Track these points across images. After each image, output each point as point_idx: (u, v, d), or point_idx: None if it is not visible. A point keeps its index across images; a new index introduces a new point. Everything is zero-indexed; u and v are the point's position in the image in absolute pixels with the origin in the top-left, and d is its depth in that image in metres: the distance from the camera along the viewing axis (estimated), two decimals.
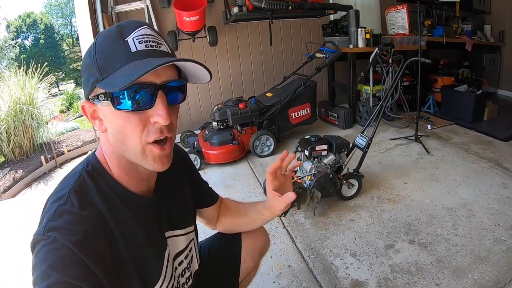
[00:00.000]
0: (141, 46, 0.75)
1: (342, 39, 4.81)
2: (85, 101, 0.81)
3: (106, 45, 0.76)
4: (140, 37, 0.75)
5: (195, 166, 1.23)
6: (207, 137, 3.71)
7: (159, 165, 0.82)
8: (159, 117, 0.76)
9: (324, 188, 2.54)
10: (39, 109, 5.09)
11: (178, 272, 1.04)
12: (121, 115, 0.76)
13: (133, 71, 0.70)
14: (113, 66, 0.73)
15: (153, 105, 0.76)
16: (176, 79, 0.81)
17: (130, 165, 0.85)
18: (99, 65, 0.74)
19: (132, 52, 0.74)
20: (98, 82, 0.75)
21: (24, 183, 3.98)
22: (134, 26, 0.76)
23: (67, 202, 0.75)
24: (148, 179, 0.92)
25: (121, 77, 0.71)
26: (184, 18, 3.92)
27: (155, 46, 0.77)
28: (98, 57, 0.75)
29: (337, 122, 4.68)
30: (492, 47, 6.13)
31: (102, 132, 0.82)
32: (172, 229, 1.02)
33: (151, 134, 0.78)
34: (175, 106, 0.84)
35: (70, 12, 28.67)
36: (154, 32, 0.80)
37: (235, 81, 4.92)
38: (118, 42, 0.74)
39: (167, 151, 0.83)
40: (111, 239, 0.78)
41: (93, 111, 0.81)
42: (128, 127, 0.76)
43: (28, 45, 25.83)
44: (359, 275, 1.97)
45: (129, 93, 0.73)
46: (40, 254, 0.67)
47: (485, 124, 4.47)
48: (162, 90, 0.76)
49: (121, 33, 0.75)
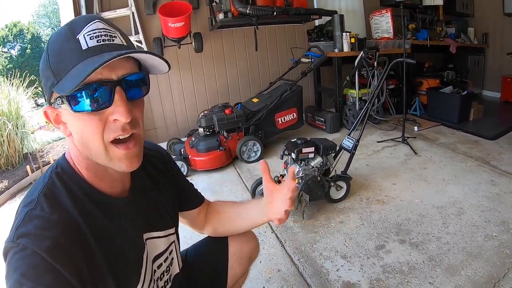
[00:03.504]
0: (92, 42, 0.71)
1: (327, 43, 4.84)
2: (47, 106, 0.77)
3: (58, 45, 0.72)
4: (91, 32, 0.71)
5: (178, 168, 1.18)
6: (194, 144, 3.66)
7: (127, 165, 0.78)
8: (119, 114, 0.72)
9: (312, 191, 2.51)
10: (25, 119, 5.01)
11: (157, 275, 1.00)
12: (81, 117, 0.72)
13: (82, 70, 0.67)
14: (65, 67, 0.70)
15: (111, 103, 0.72)
16: (136, 71, 0.77)
17: (99, 168, 0.80)
18: (53, 69, 0.71)
19: (83, 50, 0.70)
20: (54, 86, 0.71)
21: (9, 193, 3.88)
22: (85, 21, 0.72)
23: (36, 206, 0.71)
24: (121, 180, 0.88)
25: (73, 78, 0.67)
26: (170, 25, 3.90)
27: (107, 40, 0.73)
28: (51, 60, 0.72)
29: (324, 127, 4.66)
30: (476, 49, 6.23)
31: (68, 136, 0.79)
32: (151, 230, 0.97)
33: (111, 132, 0.74)
34: (138, 101, 0.80)
35: (57, 22, 28.46)
36: (107, 25, 0.75)
37: (221, 87, 4.89)
38: (70, 40, 0.71)
39: (133, 150, 0.78)
40: (84, 243, 0.73)
41: (56, 116, 0.77)
42: (89, 129, 0.73)
43: (14, 55, 25.54)
44: (350, 277, 1.93)
45: (86, 93, 0.70)
46: (12, 262, 0.65)
47: (471, 124, 4.52)
48: (119, 85, 0.73)
49: (72, 31, 0.71)
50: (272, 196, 1.08)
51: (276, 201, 1.07)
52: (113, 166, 0.78)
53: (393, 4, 4.98)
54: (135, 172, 0.88)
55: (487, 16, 6.15)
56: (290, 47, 4.85)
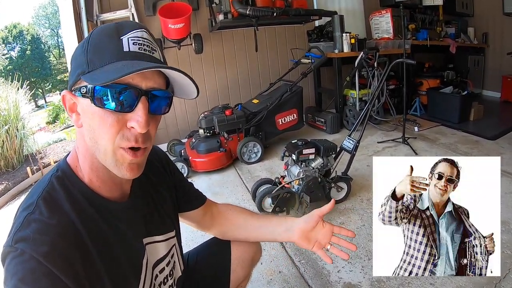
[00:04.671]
0: (134, 47, 0.73)
1: (327, 44, 4.85)
2: (67, 91, 0.78)
3: (100, 39, 0.74)
4: (136, 39, 0.74)
5: (178, 169, 1.18)
6: (194, 145, 3.67)
7: (128, 172, 0.78)
8: (137, 123, 0.73)
9: (313, 192, 2.51)
10: (25, 121, 5.02)
11: (159, 280, 0.99)
12: (99, 112, 0.72)
13: (119, 69, 0.68)
14: (101, 61, 0.71)
15: (133, 109, 0.73)
16: (163, 89, 0.78)
17: (102, 168, 0.80)
18: (88, 58, 0.72)
19: (124, 51, 0.72)
20: (84, 75, 0.72)
21: (10, 195, 3.89)
22: (132, 27, 0.75)
23: (35, 210, 0.71)
24: (122, 184, 0.88)
25: (106, 73, 0.69)
26: (170, 26, 3.90)
27: (148, 51, 0.75)
28: (90, 49, 0.73)
29: (325, 127, 4.67)
30: (476, 49, 6.24)
31: (78, 127, 0.79)
32: (151, 235, 0.96)
33: (125, 140, 0.74)
34: (156, 116, 0.81)
35: (57, 23, 28.45)
36: (151, 38, 0.78)
37: (221, 89, 4.89)
38: (113, 38, 0.73)
39: (139, 159, 0.78)
40: (82, 248, 0.73)
41: (72, 104, 0.78)
42: (103, 126, 0.73)
43: (14, 56, 25.52)
44: (351, 278, 1.93)
45: (111, 91, 0.70)
46: (10, 267, 0.64)
47: (471, 124, 4.52)
48: (145, 96, 0.74)
49: (118, 31, 0.74)
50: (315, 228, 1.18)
51: (316, 234, 1.18)
52: (114, 169, 0.77)
53: (393, 5, 4.97)
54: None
55: (487, 15, 6.16)
56: (290, 48, 4.84)
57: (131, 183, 0.92)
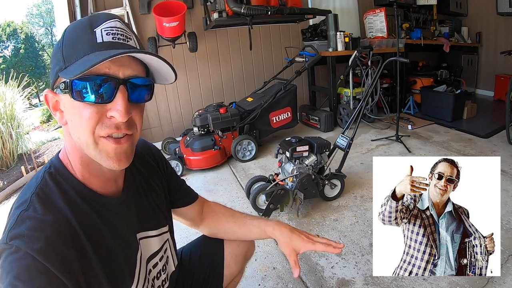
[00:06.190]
0: (108, 37, 0.73)
1: (321, 43, 4.86)
2: (49, 90, 0.78)
3: (74, 34, 0.74)
4: (109, 29, 0.74)
5: (170, 165, 1.18)
6: (189, 143, 3.66)
7: (115, 162, 0.77)
8: (116, 112, 0.73)
9: (307, 189, 2.52)
10: (19, 120, 4.99)
11: (152, 274, 0.99)
12: (78, 106, 0.72)
13: (91, 59, 0.68)
14: (76, 55, 0.71)
15: (112, 99, 0.73)
16: (142, 76, 0.78)
17: (92, 163, 0.80)
18: (64, 54, 0.73)
19: (98, 43, 0.72)
20: (61, 71, 0.72)
21: (4, 194, 3.86)
22: (105, 18, 0.75)
23: (29, 207, 0.71)
24: (114, 179, 0.88)
25: (80, 66, 0.69)
26: (164, 24, 3.88)
27: (122, 40, 0.75)
28: (65, 45, 0.74)
29: (319, 125, 4.69)
30: (469, 48, 6.27)
31: (63, 125, 0.79)
32: (144, 230, 0.97)
33: (104, 127, 0.74)
34: (139, 104, 0.81)
35: (51, 21, 28.26)
36: (125, 26, 0.78)
37: (216, 87, 4.89)
38: (86, 32, 0.73)
39: (124, 146, 0.78)
40: (77, 244, 0.73)
41: (55, 102, 0.78)
42: (82, 119, 0.73)
43: (8, 55, 25.32)
44: (345, 274, 1.94)
45: (89, 83, 0.70)
46: (5, 264, 0.64)
47: (465, 122, 4.56)
48: (124, 85, 0.74)
49: (91, 24, 0.74)
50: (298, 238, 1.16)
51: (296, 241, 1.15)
52: (101, 160, 0.77)
53: (387, 4, 5.01)
54: (128, 171, 0.89)
55: (480, 15, 6.20)
56: (285, 47, 4.86)
57: (124, 177, 0.92)
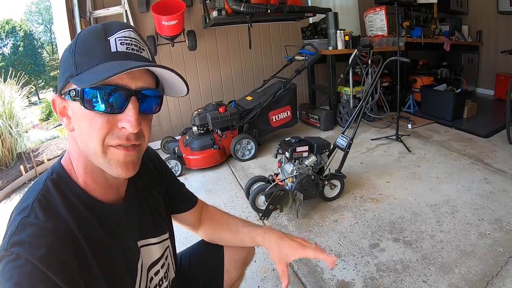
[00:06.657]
0: (122, 47, 0.73)
1: (321, 41, 4.84)
2: (57, 95, 0.77)
3: (87, 41, 0.73)
4: (123, 39, 0.73)
5: (169, 169, 1.17)
6: (188, 142, 3.65)
7: (123, 170, 0.77)
8: (128, 124, 0.72)
9: (306, 190, 2.51)
10: (18, 118, 4.96)
11: (154, 282, 0.98)
12: (89, 115, 0.71)
13: (107, 70, 0.67)
14: (89, 63, 0.70)
15: (123, 110, 0.72)
16: (153, 88, 0.78)
17: (96, 171, 0.79)
18: (76, 60, 0.71)
19: (112, 52, 0.71)
20: (72, 77, 0.71)
21: (3, 193, 3.85)
22: (119, 27, 0.74)
23: (30, 214, 0.69)
24: (117, 187, 0.87)
25: (94, 75, 0.67)
26: (163, 23, 3.86)
27: (136, 50, 0.75)
28: (77, 51, 0.72)
29: (318, 124, 4.67)
30: (470, 47, 6.26)
31: (70, 131, 0.77)
32: (145, 237, 0.96)
33: (114, 138, 0.73)
34: (148, 116, 0.80)
35: (50, 19, 28.10)
36: (139, 37, 0.77)
37: (215, 86, 4.86)
38: (100, 39, 0.72)
39: (132, 154, 0.77)
40: (79, 252, 0.72)
41: (63, 107, 0.77)
42: (93, 128, 0.72)
43: (7, 53, 25.23)
44: (344, 276, 1.93)
45: (100, 93, 0.69)
46: (5, 271, 0.63)
47: (465, 122, 4.55)
48: (135, 96, 0.73)
49: (105, 32, 0.73)
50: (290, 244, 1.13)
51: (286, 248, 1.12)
52: (108, 169, 0.76)
53: (387, 2, 5.00)
54: (130, 179, 0.87)
55: (481, 14, 6.18)
56: (284, 45, 4.81)
57: (126, 185, 0.91)
